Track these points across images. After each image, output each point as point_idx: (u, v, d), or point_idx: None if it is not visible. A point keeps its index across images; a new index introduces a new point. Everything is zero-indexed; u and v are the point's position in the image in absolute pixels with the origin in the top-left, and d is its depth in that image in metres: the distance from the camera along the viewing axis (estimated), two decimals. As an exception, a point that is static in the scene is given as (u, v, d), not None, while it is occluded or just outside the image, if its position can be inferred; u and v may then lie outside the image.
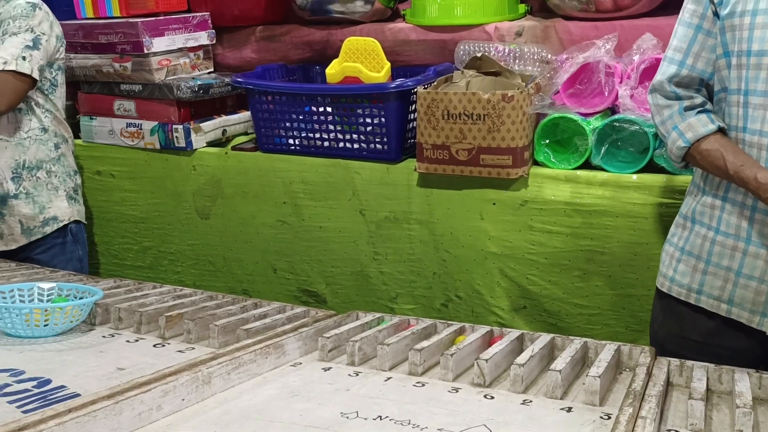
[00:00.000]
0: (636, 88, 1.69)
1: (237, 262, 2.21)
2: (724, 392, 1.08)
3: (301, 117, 2.01)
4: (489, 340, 1.26)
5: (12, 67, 1.84)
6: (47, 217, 2.02)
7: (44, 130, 2.01)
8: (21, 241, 2.02)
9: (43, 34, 1.91)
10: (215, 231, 2.21)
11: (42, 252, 2.03)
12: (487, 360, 1.09)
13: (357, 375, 1.12)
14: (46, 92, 2.00)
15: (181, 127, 2.16)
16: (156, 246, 2.33)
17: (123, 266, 2.40)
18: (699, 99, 1.32)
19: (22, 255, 2.01)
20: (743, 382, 1.04)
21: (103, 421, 0.86)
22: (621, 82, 1.71)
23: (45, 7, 1.96)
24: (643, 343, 1.54)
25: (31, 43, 1.88)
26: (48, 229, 2.03)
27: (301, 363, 1.18)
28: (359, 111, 1.92)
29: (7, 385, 1.04)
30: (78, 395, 0.99)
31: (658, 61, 1.70)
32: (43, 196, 2.02)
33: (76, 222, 2.10)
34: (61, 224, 2.04)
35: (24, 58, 1.86)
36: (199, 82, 2.18)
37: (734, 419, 0.93)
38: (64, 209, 2.05)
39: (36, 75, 1.88)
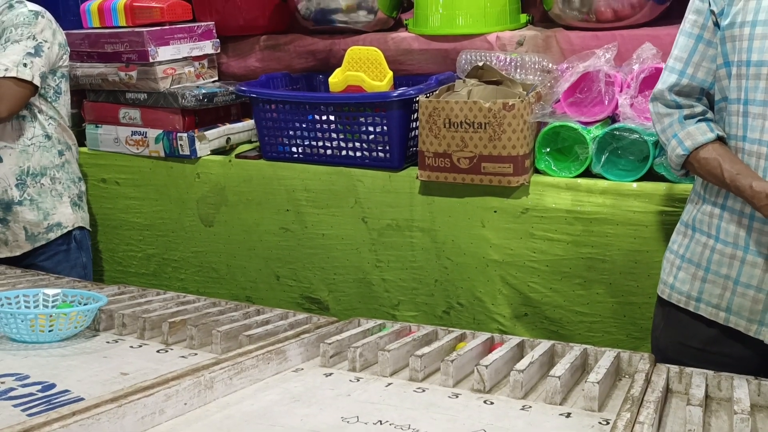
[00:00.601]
0: (636, 97, 1.70)
1: (240, 269, 2.22)
2: (723, 399, 1.09)
3: (304, 125, 2.03)
4: (489, 347, 1.27)
5: (13, 74, 1.85)
6: (51, 223, 2.04)
7: (48, 137, 2.02)
8: (25, 248, 2.03)
9: (45, 41, 1.93)
10: (219, 238, 2.23)
11: (46, 259, 2.04)
12: (487, 366, 1.09)
13: (358, 381, 1.13)
14: (49, 100, 2.01)
15: (185, 135, 2.18)
16: (160, 253, 2.35)
17: (127, 273, 2.42)
18: (699, 108, 1.34)
19: (26, 262, 2.03)
20: (742, 388, 1.04)
21: (106, 424, 0.87)
22: (621, 91, 1.72)
23: (48, 15, 1.98)
24: (644, 350, 1.54)
25: (32, 51, 1.89)
26: (52, 236, 2.04)
27: (302, 369, 1.19)
28: (362, 119, 1.94)
29: (12, 389, 1.05)
30: (82, 399, 1.00)
31: (657, 71, 1.72)
32: (48, 202, 2.03)
33: (80, 228, 2.11)
34: (65, 230, 2.06)
35: (25, 65, 1.87)
36: (203, 91, 2.20)
37: (732, 426, 0.94)
38: (68, 215, 2.06)
39: (37, 82, 1.90)
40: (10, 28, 1.91)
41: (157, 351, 1.27)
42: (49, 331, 1.27)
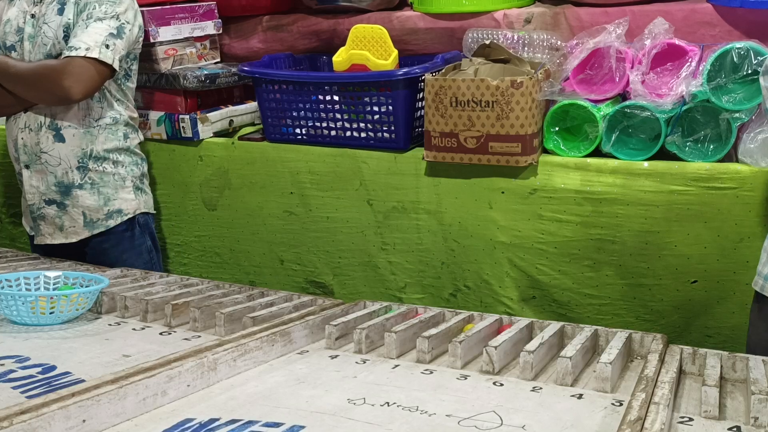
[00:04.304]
0: (647, 74, 1.66)
1: (244, 253, 2.20)
2: (738, 380, 1.07)
3: (308, 106, 2.00)
4: (498, 329, 1.25)
5: (94, 55, 1.73)
6: (111, 209, 1.92)
7: (115, 120, 1.92)
8: (82, 234, 1.93)
9: (128, 23, 1.81)
10: (222, 222, 2.21)
11: (110, 247, 1.93)
12: (496, 347, 1.07)
13: (364, 362, 1.11)
14: (119, 82, 1.91)
15: (187, 117, 2.15)
16: (163, 237, 2.33)
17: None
18: None
19: (87, 248, 1.93)
20: (758, 369, 1.02)
21: (106, 405, 0.85)
22: (632, 68, 1.68)
23: None
24: (654, 333, 1.52)
25: (115, 31, 1.78)
26: (111, 223, 1.93)
27: (307, 351, 1.17)
28: (366, 99, 1.90)
29: (12, 371, 1.03)
30: (83, 381, 0.98)
31: (670, 46, 1.68)
32: (109, 187, 1.92)
33: (143, 214, 2.00)
34: (125, 218, 1.94)
35: (107, 47, 1.75)
36: (205, 72, 2.16)
37: (749, 406, 0.91)
38: (129, 202, 1.95)
39: (116, 65, 1.78)
40: (93, 3, 1.79)
41: (160, 333, 1.26)
42: (50, 313, 1.26)
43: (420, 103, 1.92)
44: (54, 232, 1.95)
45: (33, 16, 1.87)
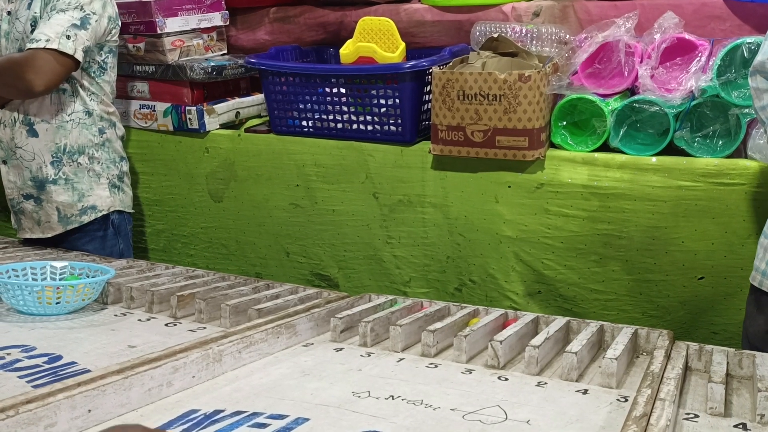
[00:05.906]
0: (657, 68, 1.65)
1: (250, 245, 2.20)
2: (745, 377, 1.06)
3: (314, 98, 1.99)
4: (503, 323, 1.25)
5: (54, 46, 1.72)
6: (86, 205, 1.93)
7: (88, 113, 1.91)
8: (57, 230, 1.94)
9: (94, 13, 1.80)
10: (228, 214, 2.21)
11: (84, 244, 1.94)
12: (501, 341, 1.07)
13: (369, 356, 1.11)
14: (92, 75, 1.90)
15: (194, 108, 2.15)
16: (169, 229, 2.33)
17: (136, 249, 2.40)
18: None
19: (64, 245, 1.94)
20: (764, 366, 1.01)
21: (112, 396, 0.85)
22: (641, 62, 1.67)
23: None
24: (660, 329, 1.51)
25: (78, 22, 1.76)
26: (86, 219, 1.93)
27: (312, 343, 1.17)
28: (373, 92, 1.90)
29: (18, 360, 1.04)
30: (88, 371, 0.99)
31: (679, 41, 1.66)
32: (84, 183, 1.92)
33: (119, 212, 2.00)
34: (99, 214, 1.95)
35: (68, 37, 1.74)
36: (212, 64, 2.16)
37: (755, 403, 0.91)
38: (104, 198, 1.95)
39: (79, 56, 1.76)
40: None
41: (166, 324, 1.26)
42: (56, 303, 1.26)
43: (427, 96, 1.92)
44: (33, 227, 1.96)
45: (9, 13, 1.88)
